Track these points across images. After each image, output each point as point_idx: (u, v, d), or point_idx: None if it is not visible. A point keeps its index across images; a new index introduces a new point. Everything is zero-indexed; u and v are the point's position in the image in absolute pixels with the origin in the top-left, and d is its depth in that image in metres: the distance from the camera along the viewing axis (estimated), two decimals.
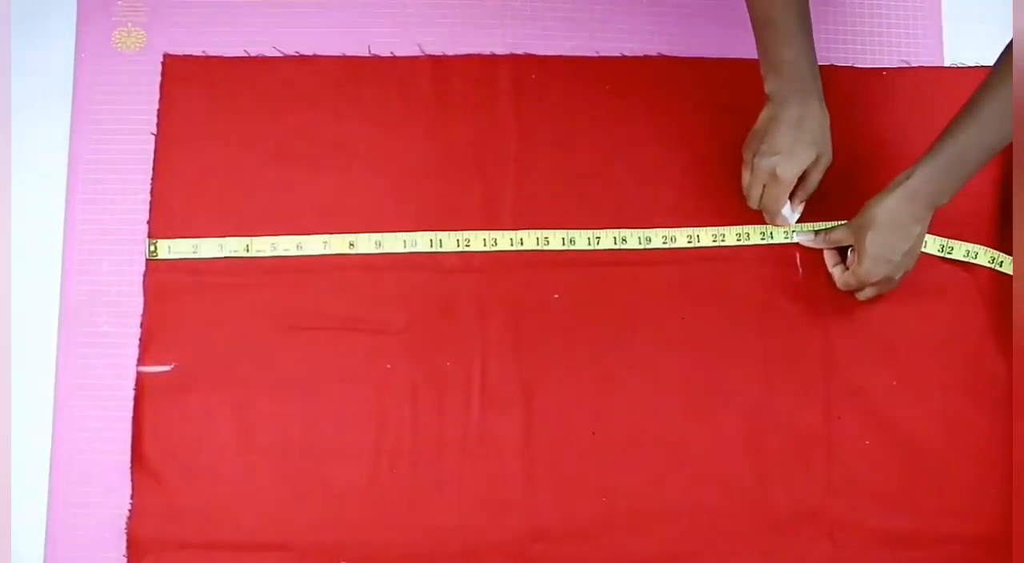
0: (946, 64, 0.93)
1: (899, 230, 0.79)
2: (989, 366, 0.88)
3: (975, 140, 0.76)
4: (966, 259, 0.88)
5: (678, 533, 0.84)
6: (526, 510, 0.83)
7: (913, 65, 0.93)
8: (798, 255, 0.88)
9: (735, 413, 0.86)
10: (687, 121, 0.90)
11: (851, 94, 0.91)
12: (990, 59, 0.86)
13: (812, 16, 0.93)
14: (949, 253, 0.88)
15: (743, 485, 0.85)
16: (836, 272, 0.85)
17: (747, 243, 0.88)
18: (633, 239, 0.87)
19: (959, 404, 0.87)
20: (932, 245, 0.87)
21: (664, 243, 0.88)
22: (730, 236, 0.88)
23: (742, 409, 0.86)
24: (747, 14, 0.79)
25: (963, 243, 0.88)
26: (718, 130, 0.90)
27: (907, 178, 0.78)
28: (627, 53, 0.91)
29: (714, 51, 0.92)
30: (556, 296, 0.87)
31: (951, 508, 0.86)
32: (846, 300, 0.87)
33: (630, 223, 0.88)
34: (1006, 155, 0.90)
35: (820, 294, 0.88)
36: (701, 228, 0.88)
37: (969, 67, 0.93)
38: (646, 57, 0.91)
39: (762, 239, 0.87)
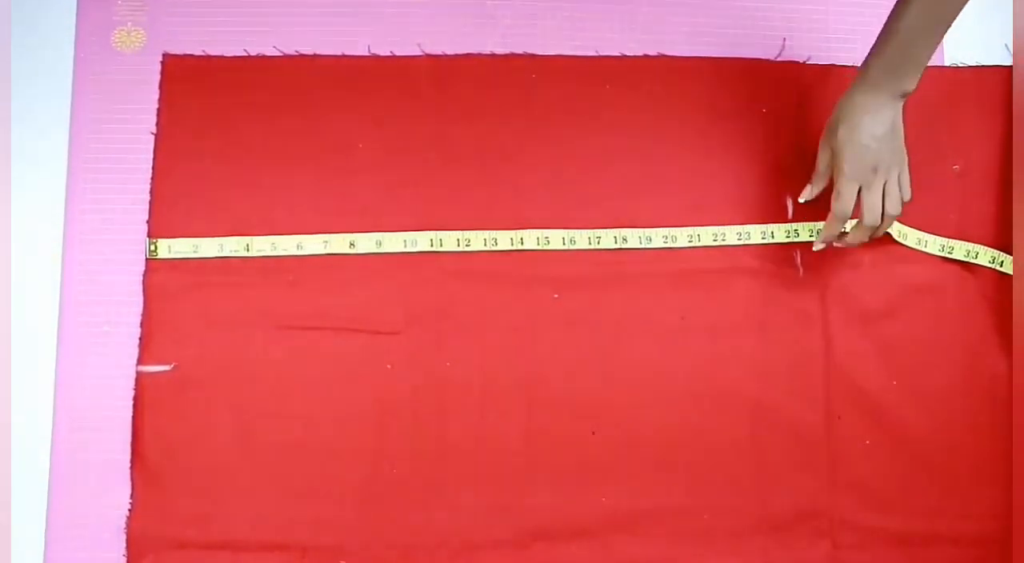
0: (946, 64, 0.93)
1: (868, 116, 0.77)
2: (989, 366, 0.88)
3: (921, 20, 0.74)
4: (967, 259, 0.88)
5: (678, 533, 0.84)
6: (526, 510, 0.83)
7: None
8: (798, 255, 0.88)
9: (735, 413, 0.86)
10: (687, 121, 0.90)
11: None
12: (990, 59, 0.86)
13: (812, 16, 0.94)
14: (950, 253, 0.88)
15: (743, 485, 0.85)
16: (823, 235, 0.82)
17: (748, 242, 0.88)
18: (634, 238, 0.87)
19: (959, 404, 0.87)
20: (933, 245, 0.88)
21: (665, 242, 0.87)
22: (731, 235, 0.88)
23: (742, 409, 0.86)
24: (746, 16, 0.78)
25: (964, 243, 0.88)
26: (718, 130, 0.90)
27: (864, 71, 0.77)
28: (627, 53, 0.91)
29: (714, 51, 0.92)
30: (556, 296, 0.87)
31: (951, 508, 0.86)
32: (846, 300, 0.87)
33: (630, 223, 0.88)
34: (1006, 155, 0.90)
35: (820, 294, 0.88)
36: (701, 227, 0.88)
37: (969, 67, 0.93)
38: (646, 57, 0.91)
39: (763, 238, 0.87)
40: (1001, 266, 0.88)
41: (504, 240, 0.87)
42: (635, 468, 0.84)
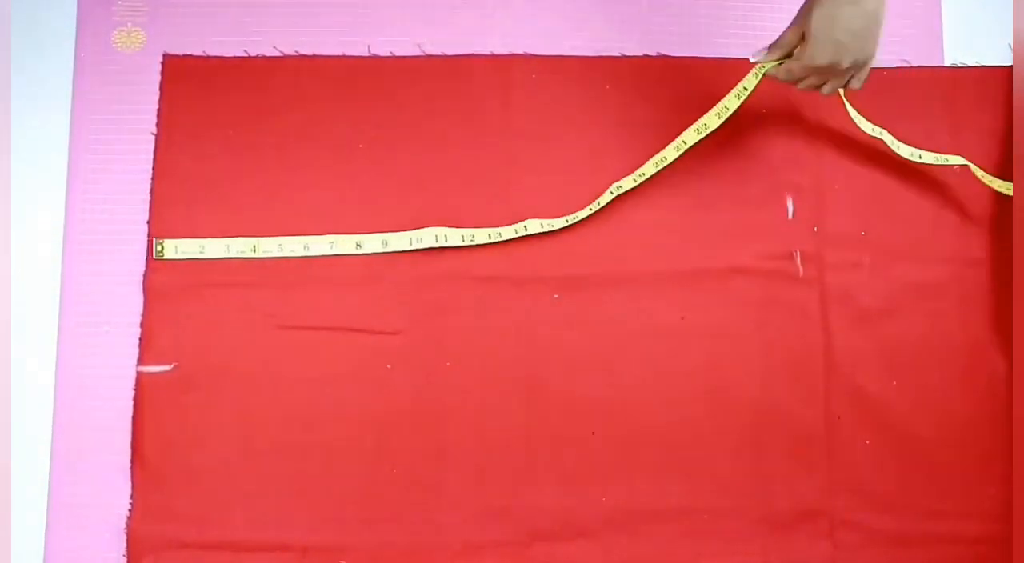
0: (946, 64, 0.93)
1: (849, 6, 0.72)
2: (988, 366, 0.88)
3: None
4: (937, 163, 0.88)
5: (678, 533, 0.84)
6: (526, 510, 0.83)
7: (913, 65, 0.93)
8: (798, 254, 0.88)
9: (735, 413, 0.86)
10: (686, 121, 0.90)
11: (851, 94, 0.91)
12: (990, 59, 0.86)
13: None
14: (919, 159, 0.88)
15: (743, 485, 0.85)
16: (782, 69, 0.80)
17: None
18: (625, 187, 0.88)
19: (959, 404, 0.87)
20: (904, 150, 0.88)
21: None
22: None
23: (742, 409, 0.86)
24: (744, 16, 0.77)
25: (932, 153, 0.88)
26: (718, 129, 0.90)
27: None
28: (627, 53, 0.91)
29: (713, 51, 0.92)
30: (556, 296, 0.87)
31: (951, 508, 0.86)
32: (846, 300, 0.87)
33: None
34: (1006, 155, 0.90)
35: (820, 294, 0.88)
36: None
37: (969, 67, 0.93)
38: (646, 57, 0.91)
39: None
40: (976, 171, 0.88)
41: (508, 232, 0.86)
42: (635, 468, 0.85)
